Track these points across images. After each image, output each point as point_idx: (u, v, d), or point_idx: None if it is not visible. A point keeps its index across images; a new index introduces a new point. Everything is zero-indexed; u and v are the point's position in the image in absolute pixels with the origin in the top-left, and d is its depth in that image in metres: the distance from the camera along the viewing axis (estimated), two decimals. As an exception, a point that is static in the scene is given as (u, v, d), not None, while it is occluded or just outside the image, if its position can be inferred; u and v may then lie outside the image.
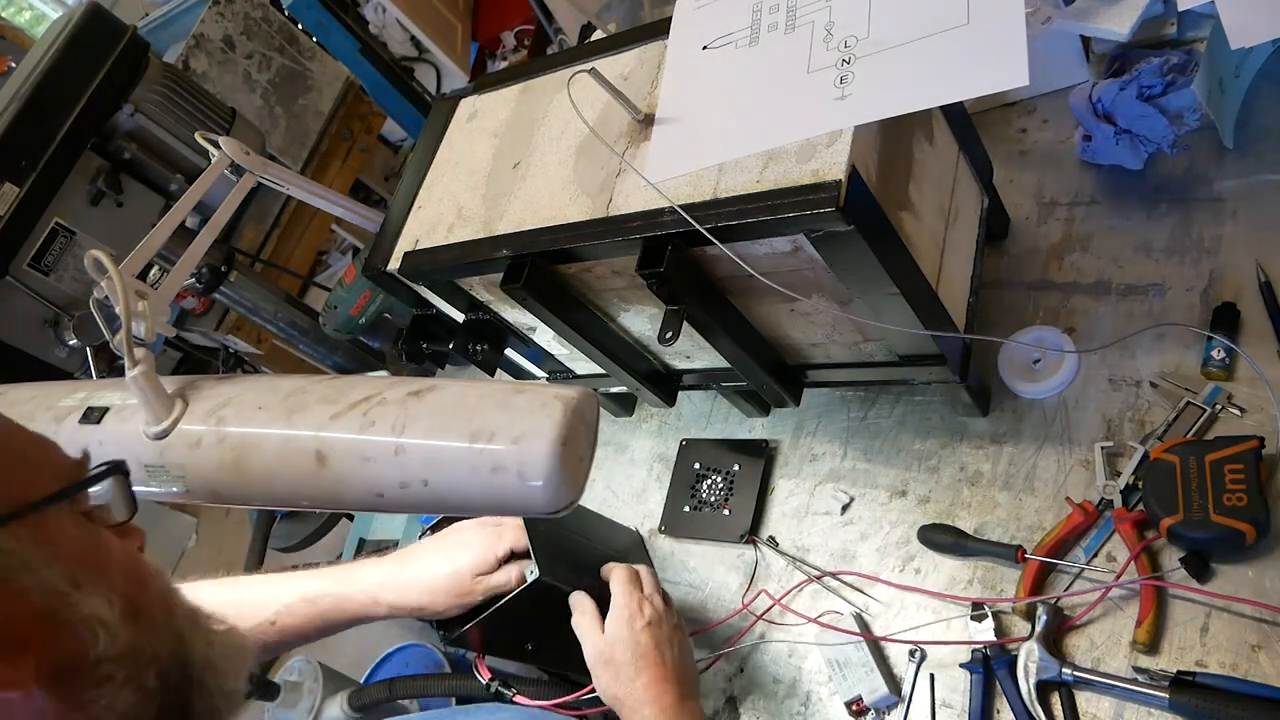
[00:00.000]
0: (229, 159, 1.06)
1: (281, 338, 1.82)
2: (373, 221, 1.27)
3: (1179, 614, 0.85)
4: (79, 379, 1.50)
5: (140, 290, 0.73)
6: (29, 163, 1.41)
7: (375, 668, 1.44)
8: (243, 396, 0.70)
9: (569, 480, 0.61)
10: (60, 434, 0.74)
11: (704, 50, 0.88)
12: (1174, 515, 0.85)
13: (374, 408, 0.65)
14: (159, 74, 1.58)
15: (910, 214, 0.88)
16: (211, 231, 0.97)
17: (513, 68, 1.21)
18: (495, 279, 0.97)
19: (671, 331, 0.86)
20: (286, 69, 2.38)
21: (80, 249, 1.48)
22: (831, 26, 0.79)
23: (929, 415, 1.11)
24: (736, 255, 0.81)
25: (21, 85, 1.43)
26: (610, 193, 0.90)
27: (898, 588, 1.02)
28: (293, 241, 2.45)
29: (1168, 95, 1.01)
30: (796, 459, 1.19)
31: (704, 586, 1.18)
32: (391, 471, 0.63)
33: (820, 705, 1.01)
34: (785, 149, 0.78)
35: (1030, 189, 1.18)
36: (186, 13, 2.64)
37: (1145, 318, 1.01)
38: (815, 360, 1.04)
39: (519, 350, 1.21)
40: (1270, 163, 1.01)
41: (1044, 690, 0.87)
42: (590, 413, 0.64)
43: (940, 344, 0.91)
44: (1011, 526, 0.98)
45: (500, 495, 0.61)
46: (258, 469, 0.67)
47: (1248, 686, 0.78)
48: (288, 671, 1.27)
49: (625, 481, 1.34)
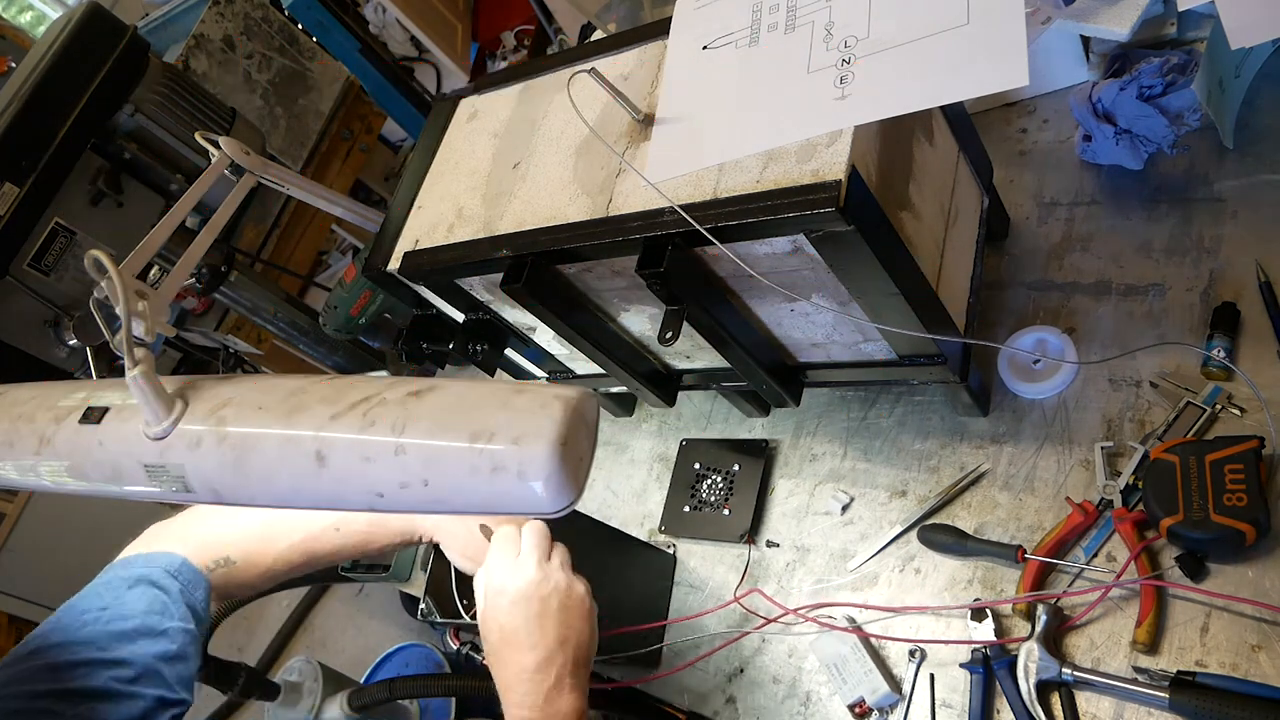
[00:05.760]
0: (229, 159, 1.06)
1: (281, 338, 1.82)
2: (373, 221, 1.27)
3: (1179, 614, 0.85)
4: (79, 379, 1.50)
5: (140, 290, 0.73)
6: (29, 163, 1.41)
7: (375, 668, 1.44)
8: (243, 396, 0.70)
9: (569, 480, 0.60)
10: (60, 434, 0.74)
11: (704, 50, 0.88)
12: (1174, 515, 0.85)
13: (374, 408, 0.65)
14: (159, 74, 1.58)
15: (910, 214, 0.88)
16: (211, 231, 0.97)
17: (513, 68, 1.21)
18: (495, 279, 0.97)
19: (671, 331, 0.86)
20: (287, 69, 2.38)
21: (80, 249, 1.48)
22: (831, 26, 0.79)
23: (929, 415, 1.11)
24: (736, 255, 0.81)
25: (21, 85, 1.43)
26: (610, 193, 0.90)
27: (898, 587, 1.02)
28: (293, 241, 2.45)
29: (1168, 95, 1.01)
30: (796, 459, 1.19)
31: (704, 586, 1.18)
32: (391, 471, 0.63)
33: (820, 705, 1.01)
34: (785, 149, 0.78)
35: (1030, 189, 1.18)
36: (186, 13, 2.64)
37: (1145, 318, 1.01)
38: (815, 360, 1.04)
39: (519, 350, 1.21)
40: (1270, 163, 1.01)
41: (1044, 690, 0.87)
42: (590, 413, 0.64)
43: (940, 344, 0.91)
44: (1011, 526, 0.98)
45: (500, 495, 0.61)
46: (258, 469, 0.67)
47: (1248, 686, 0.78)
48: (288, 671, 1.27)
49: (625, 481, 1.34)
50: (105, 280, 0.71)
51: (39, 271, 1.44)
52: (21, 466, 0.76)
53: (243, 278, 1.66)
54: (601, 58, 1.01)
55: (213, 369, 2.18)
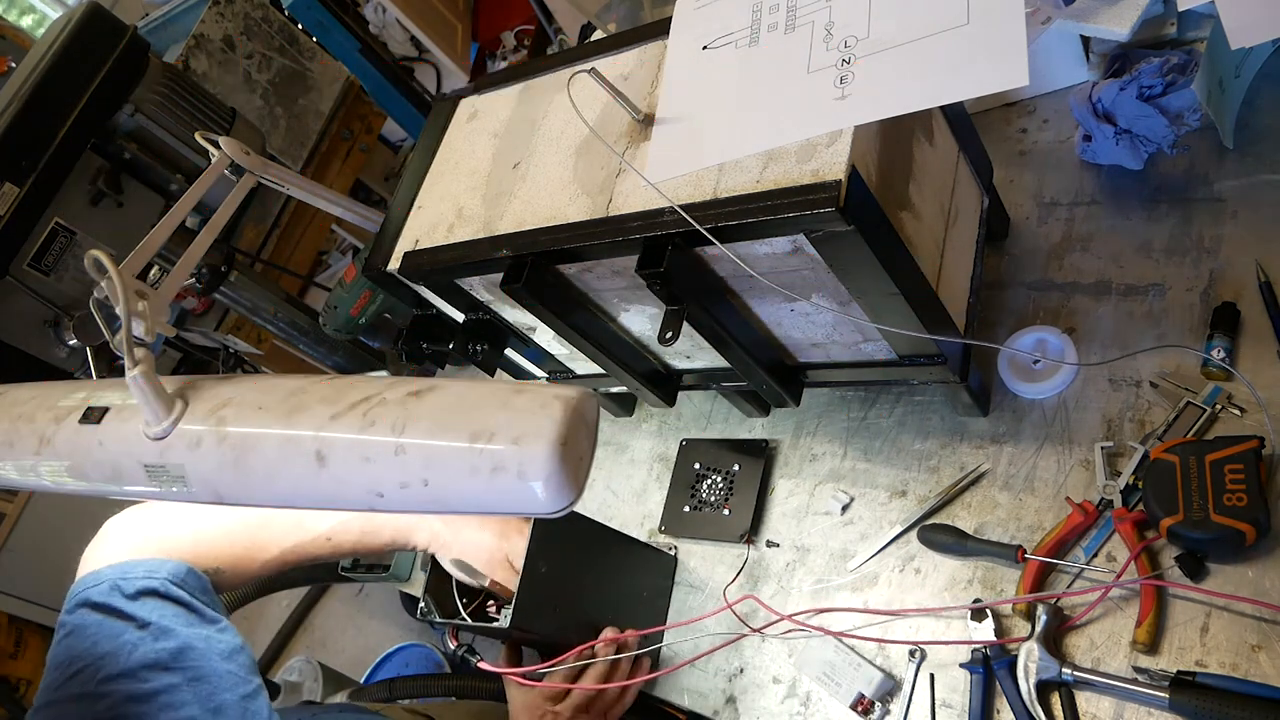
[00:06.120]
0: (229, 159, 1.06)
1: (281, 338, 1.82)
2: (373, 221, 1.27)
3: (1179, 614, 0.85)
4: (79, 379, 1.50)
5: (140, 290, 0.73)
6: (29, 163, 1.41)
7: (375, 668, 1.44)
8: (243, 396, 0.70)
9: (569, 480, 0.60)
10: (60, 434, 0.74)
11: (704, 50, 0.88)
12: (1174, 515, 0.85)
13: (374, 408, 0.65)
14: (159, 74, 1.58)
15: (910, 214, 0.88)
16: (211, 231, 0.97)
17: (513, 68, 1.21)
18: (495, 279, 0.97)
19: (671, 331, 0.86)
20: (287, 69, 2.38)
21: (80, 249, 1.48)
22: (831, 26, 0.79)
23: (929, 415, 1.11)
24: (736, 255, 0.81)
25: (21, 85, 1.43)
26: (610, 193, 0.90)
27: (898, 587, 1.02)
28: (293, 241, 2.45)
29: (1168, 95, 1.01)
30: (796, 459, 1.19)
31: (704, 586, 1.18)
32: (391, 471, 0.63)
33: (820, 705, 1.01)
34: (785, 149, 0.78)
35: (1030, 189, 1.18)
36: (186, 13, 2.65)
37: (1145, 318, 1.01)
38: (815, 360, 1.04)
39: (519, 350, 1.21)
40: (1270, 163, 1.01)
41: (1044, 690, 0.87)
42: (590, 413, 0.64)
43: (940, 344, 0.91)
44: (1011, 526, 0.98)
45: (500, 495, 0.61)
46: (258, 469, 0.67)
47: (1248, 686, 0.78)
48: (288, 671, 1.27)
49: (625, 481, 1.34)
50: (105, 280, 0.71)
51: (39, 271, 1.44)
52: (21, 466, 0.76)
53: (243, 278, 1.66)
54: (601, 58, 1.01)
55: (213, 369, 2.18)
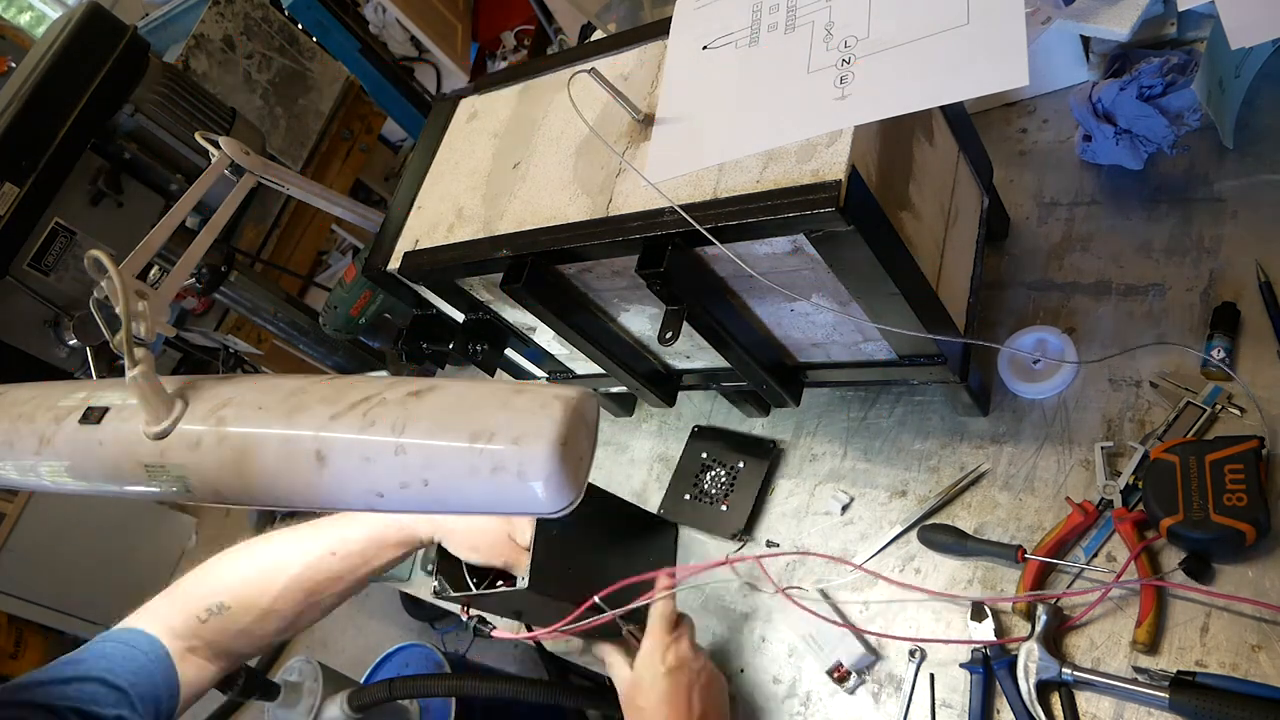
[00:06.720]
0: (229, 159, 1.06)
1: (281, 338, 1.82)
2: (373, 221, 1.27)
3: (1179, 614, 0.85)
4: (79, 379, 1.50)
5: (140, 290, 0.73)
6: (29, 163, 1.41)
7: (375, 668, 1.44)
8: (243, 396, 0.70)
9: (569, 480, 0.60)
10: (60, 434, 0.74)
11: (704, 50, 0.88)
12: (1174, 515, 0.85)
13: (374, 408, 0.65)
14: (159, 74, 1.58)
15: (910, 214, 0.88)
16: (211, 231, 0.97)
17: (513, 68, 1.21)
18: (495, 279, 0.97)
19: (671, 331, 0.86)
20: (287, 69, 2.38)
21: (80, 249, 1.48)
22: (831, 26, 0.79)
23: (929, 415, 1.11)
24: (736, 255, 0.81)
25: (21, 85, 1.43)
26: (610, 193, 0.90)
27: (898, 586, 1.02)
28: (293, 241, 2.45)
29: (1168, 95, 1.01)
30: (796, 459, 1.19)
31: (704, 586, 1.18)
32: (391, 471, 0.63)
33: (820, 705, 1.01)
34: (785, 149, 0.78)
35: (1030, 189, 1.18)
36: (186, 13, 2.65)
37: (1145, 318, 1.01)
38: (815, 360, 1.04)
39: (519, 350, 1.21)
40: (1270, 163, 1.01)
41: (1044, 690, 0.87)
42: (590, 413, 0.64)
43: (940, 344, 0.91)
44: (1011, 526, 0.98)
45: (500, 495, 0.61)
46: (258, 469, 0.67)
47: (1248, 686, 0.78)
48: (288, 671, 1.27)
49: (625, 481, 1.34)
50: (105, 280, 0.71)
51: (39, 271, 1.44)
52: (21, 466, 0.76)
53: (243, 278, 1.66)
54: (601, 58, 1.01)
55: (213, 369, 2.18)
